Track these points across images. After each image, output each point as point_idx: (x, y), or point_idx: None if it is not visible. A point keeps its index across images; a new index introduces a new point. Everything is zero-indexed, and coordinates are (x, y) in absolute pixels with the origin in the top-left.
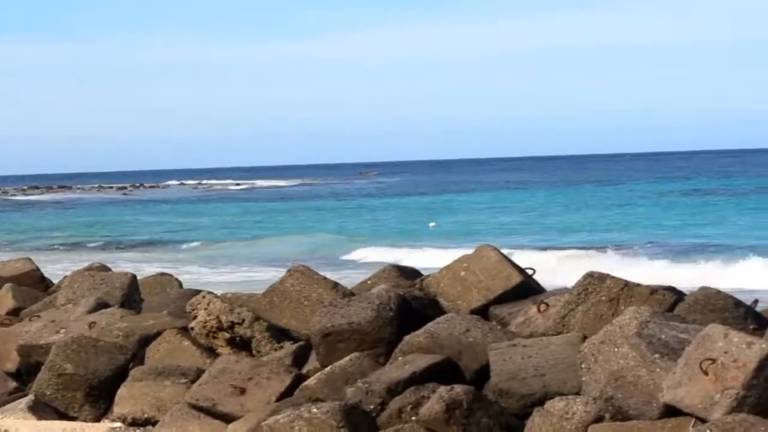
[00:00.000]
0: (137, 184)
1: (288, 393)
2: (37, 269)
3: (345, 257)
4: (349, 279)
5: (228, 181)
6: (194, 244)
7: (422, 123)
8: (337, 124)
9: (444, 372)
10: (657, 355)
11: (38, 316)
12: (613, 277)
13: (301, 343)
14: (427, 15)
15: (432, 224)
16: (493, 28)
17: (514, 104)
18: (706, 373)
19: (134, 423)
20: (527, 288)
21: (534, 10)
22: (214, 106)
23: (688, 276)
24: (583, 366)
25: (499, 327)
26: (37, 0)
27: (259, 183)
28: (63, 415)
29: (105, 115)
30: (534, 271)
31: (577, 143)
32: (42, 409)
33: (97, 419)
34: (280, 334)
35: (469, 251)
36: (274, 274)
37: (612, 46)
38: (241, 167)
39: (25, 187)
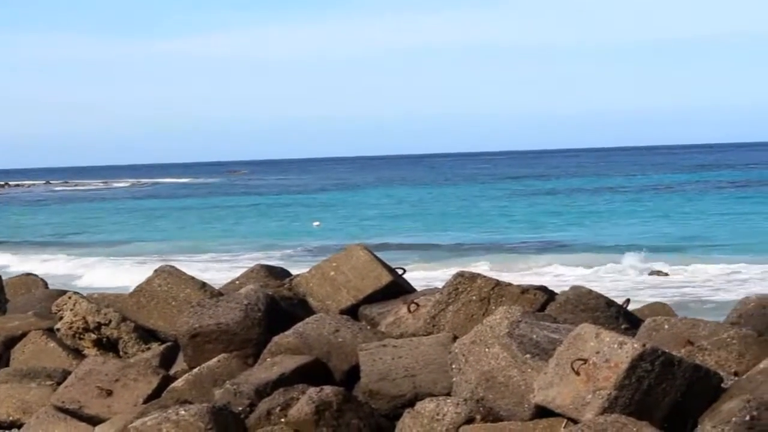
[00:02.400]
0: (1, 183)
1: (155, 395)
2: None
3: None
4: None
5: (95, 181)
6: None
7: (295, 122)
8: (225, 121)
9: (313, 373)
10: (528, 356)
11: None
12: (484, 277)
13: (169, 344)
14: (294, 15)
15: (316, 223)
16: (358, 28)
17: (381, 103)
18: (577, 373)
19: None
20: (397, 288)
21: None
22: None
23: None
24: (453, 366)
25: (369, 327)
26: None
27: (94, 183)
28: None
29: None
30: (404, 270)
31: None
32: None
33: None
34: (147, 335)
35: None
36: None
37: (476, 46)
38: (133, 165)
39: None
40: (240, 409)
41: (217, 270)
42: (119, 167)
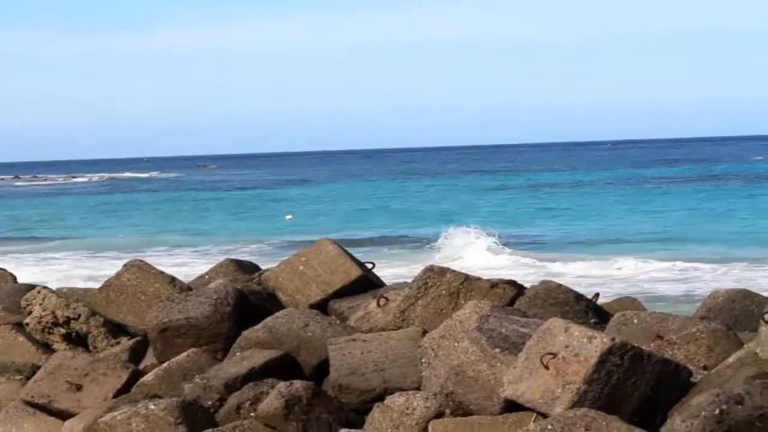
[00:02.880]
0: None
1: (125, 389)
2: None
3: None
4: None
5: (63, 175)
6: None
7: (263, 116)
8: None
9: (283, 367)
10: (498, 350)
11: None
12: (453, 271)
13: (138, 338)
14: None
15: (288, 217)
16: (326, 23)
17: (354, 98)
18: (547, 367)
19: None
20: (367, 282)
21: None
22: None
23: None
24: (423, 361)
25: (338, 322)
26: None
27: (61, 178)
28: None
29: None
30: (373, 264)
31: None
32: None
33: None
34: (116, 330)
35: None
36: None
37: (442, 42)
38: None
39: None
40: (209, 403)
41: (185, 264)
42: (87, 162)
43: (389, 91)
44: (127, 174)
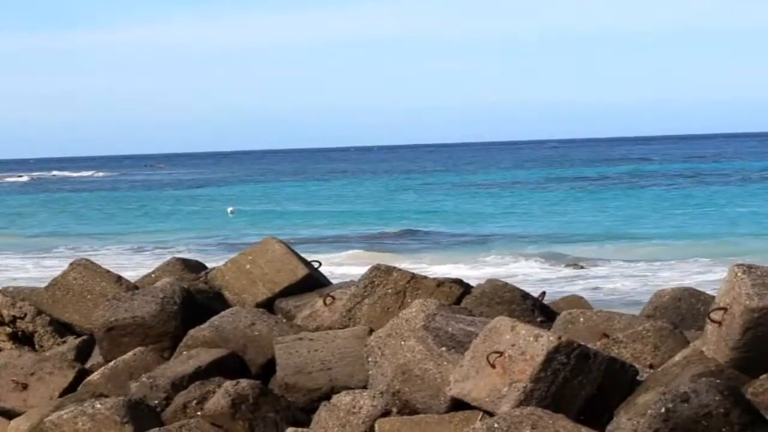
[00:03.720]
0: None
1: (71, 388)
2: None
3: None
4: None
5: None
6: None
7: (214, 113)
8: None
9: (229, 366)
10: (444, 348)
11: None
12: (400, 270)
13: (85, 337)
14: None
15: (230, 209)
16: (278, 18)
17: (301, 95)
18: (493, 366)
19: None
20: (313, 281)
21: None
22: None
23: None
24: (369, 359)
25: (284, 320)
26: None
27: None
28: None
29: None
30: (320, 263)
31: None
32: None
33: None
34: (63, 329)
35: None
36: None
37: (393, 40)
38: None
39: None
40: (156, 402)
41: (131, 264)
42: (27, 160)
43: (332, 88)
44: (66, 173)
